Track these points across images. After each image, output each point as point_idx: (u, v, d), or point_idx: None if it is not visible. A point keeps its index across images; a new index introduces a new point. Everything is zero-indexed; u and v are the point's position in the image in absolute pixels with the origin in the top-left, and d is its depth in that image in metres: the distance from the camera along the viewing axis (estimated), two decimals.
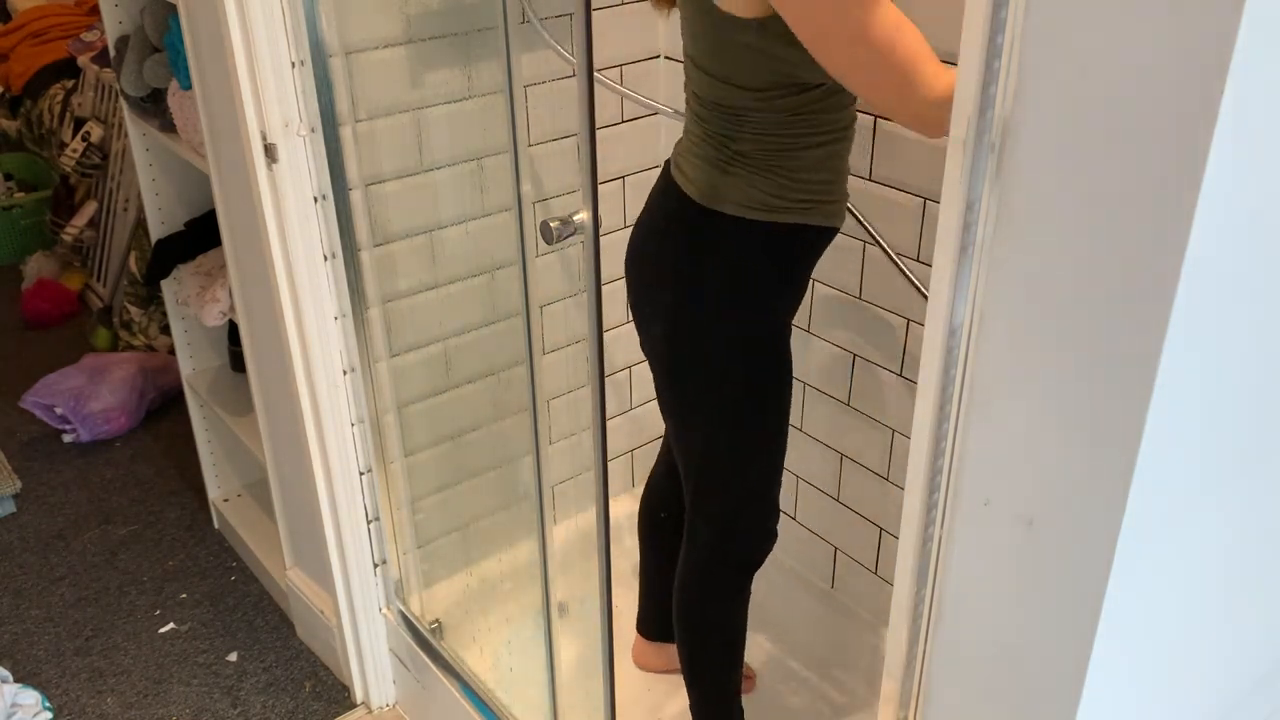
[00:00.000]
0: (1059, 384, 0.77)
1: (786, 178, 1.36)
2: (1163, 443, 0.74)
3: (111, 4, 2.21)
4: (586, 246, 1.11)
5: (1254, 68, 0.63)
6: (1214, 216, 0.67)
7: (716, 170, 1.38)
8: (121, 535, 2.61)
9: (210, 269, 2.32)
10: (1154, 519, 0.78)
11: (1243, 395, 0.83)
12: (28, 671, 2.22)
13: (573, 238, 1.11)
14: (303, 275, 1.73)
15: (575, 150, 2.05)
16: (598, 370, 1.16)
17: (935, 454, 0.88)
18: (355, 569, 1.98)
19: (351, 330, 1.81)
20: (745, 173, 1.36)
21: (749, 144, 1.35)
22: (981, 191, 0.77)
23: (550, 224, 1.13)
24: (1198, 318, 0.71)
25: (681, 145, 1.45)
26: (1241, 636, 1.08)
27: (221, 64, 1.64)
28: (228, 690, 2.17)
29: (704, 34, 1.32)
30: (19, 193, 3.84)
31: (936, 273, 0.81)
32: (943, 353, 0.84)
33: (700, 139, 1.40)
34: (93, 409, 2.92)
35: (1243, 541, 0.97)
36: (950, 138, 0.77)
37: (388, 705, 2.13)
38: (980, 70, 0.74)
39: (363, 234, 1.82)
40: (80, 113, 3.39)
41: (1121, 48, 0.67)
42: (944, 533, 0.89)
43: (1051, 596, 0.82)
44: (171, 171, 2.34)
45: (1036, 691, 0.87)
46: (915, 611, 0.94)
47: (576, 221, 1.12)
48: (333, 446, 1.86)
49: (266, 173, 1.67)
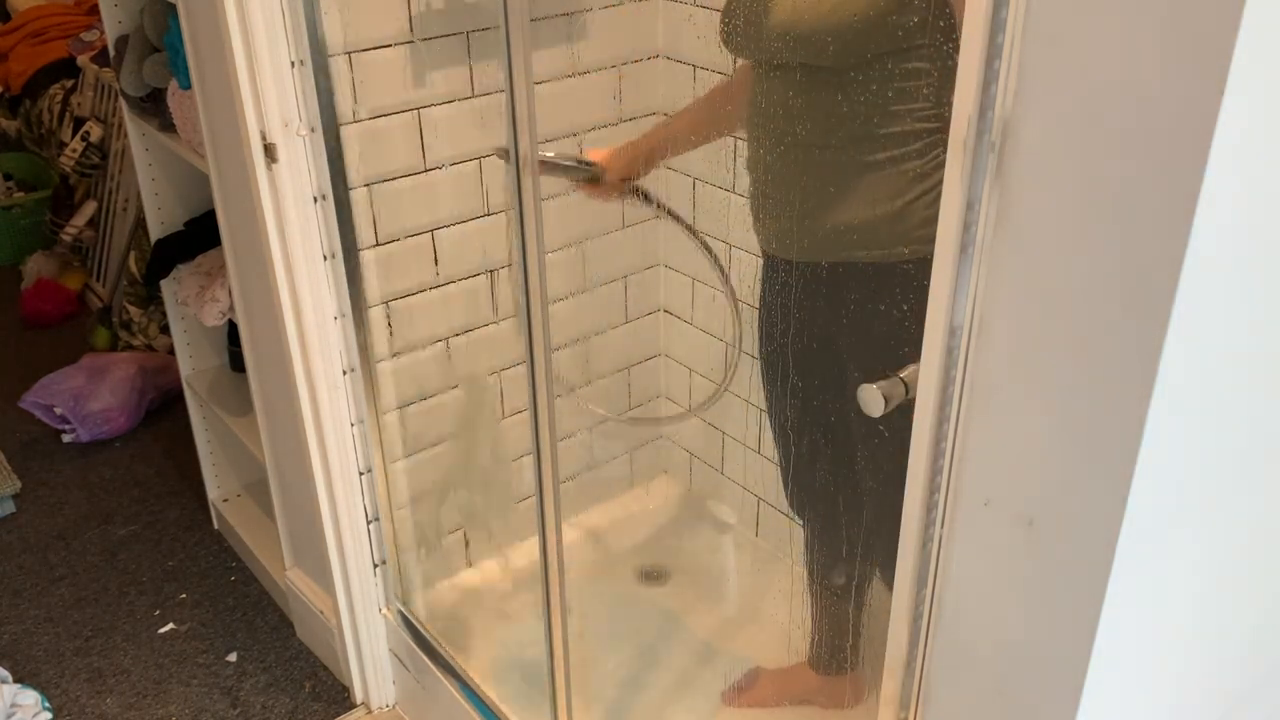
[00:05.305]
0: (1059, 384, 0.77)
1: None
2: (1163, 442, 0.74)
3: (111, 4, 2.20)
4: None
5: (1254, 67, 0.63)
6: (1214, 216, 0.67)
7: None
8: (121, 535, 2.61)
9: (210, 269, 2.32)
10: (1154, 519, 0.78)
11: (1242, 395, 0.83)
12: (27, 671, 2.22)
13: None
14: (303, 275, 1.73)
15: (577, 148, 2.05)
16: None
17: (935, 454, 0.88)
18: (355, 569, 1.98)
19: (351, 330, 1.81)
20: None
21: None
22: (981, 191, 0.77)
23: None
24: (1198, 317, 0.71)
25: None
26: (1241, 636, 1.08)
27: (221, 64, 1.64)
28: (227, 690, 2.17)
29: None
30: (19, 193, 3.84)
31: (937, 273, 0.81)
32: (943, 353, 0.84)
33: None
34: (92, 409, 2.91)
35: (1242, 541, 0.97)
36: (950, 138, 0.77)
37: (387, 705, 2.13)
38: (980, 70, 0.74)
39: (363, 234, 1.82)
40: (80, 112, 3.39)
41: (1122, 47, 0.67)
42: (944, 533, 0.89)
43: (1051, 596, 0.82)
44: (171, 171, 2.34)
45: (1036, 691, 0.87)
46: (915, 611, 0.94)
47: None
48: (333, 446, 1.86)
49: (266, 173, 1.67)
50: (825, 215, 1.40)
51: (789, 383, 1.60)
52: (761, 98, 1.43)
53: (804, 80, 1.36)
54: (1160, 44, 0.65)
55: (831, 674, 1.89)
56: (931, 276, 0.82)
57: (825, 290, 1.48)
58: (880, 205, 1.35)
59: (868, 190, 1.35)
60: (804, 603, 1.88)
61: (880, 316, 1.40)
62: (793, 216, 1.44)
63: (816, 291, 1.49)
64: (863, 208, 1.36)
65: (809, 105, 1.36)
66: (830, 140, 1.37)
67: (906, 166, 1.32)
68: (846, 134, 1.35)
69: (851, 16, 1.27)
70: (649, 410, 2.44)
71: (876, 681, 1.01)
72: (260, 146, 1.65)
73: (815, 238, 1.42)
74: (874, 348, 1.44)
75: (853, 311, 1.44)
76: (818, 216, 1.41)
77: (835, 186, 1.38)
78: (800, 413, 1.63)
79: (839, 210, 1.38)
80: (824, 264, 1.45)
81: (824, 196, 1.39)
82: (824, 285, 1.47)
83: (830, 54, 1.30)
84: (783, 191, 1.45)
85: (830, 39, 1.29)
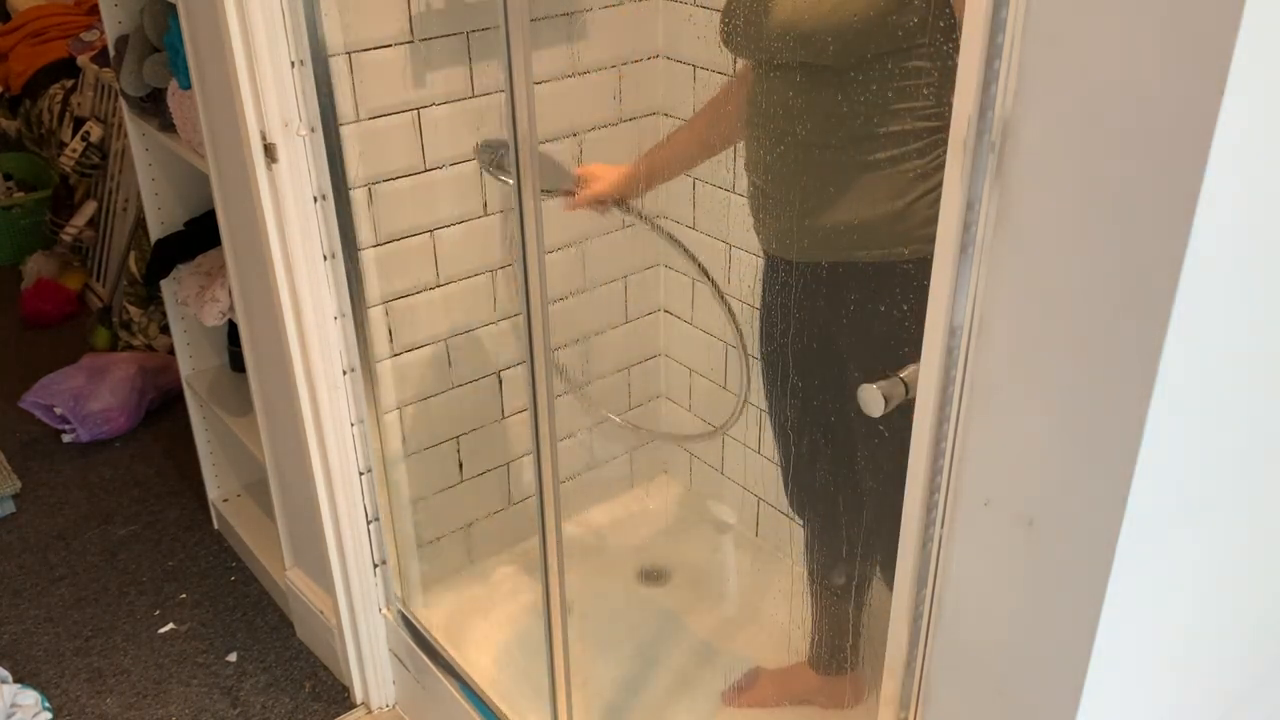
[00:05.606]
0: (1059, 384, 0.77)
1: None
2: (1163, 442, 0.74)
3: (111, 4, 2.20)
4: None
5: (1254, 67, 0.63)
6: (1214, 216, 0.67)
7: None
8: (121, 535, 2.61)
9: (210, 269, 2.32)
10: (1154, 519, 0.78)
11: (1242, 395, 0.83)
12: (27, 671, 2.22)
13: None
14: (302, 275, 1.73)
15: (577, 148, 2.05)
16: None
17: (935, 454, 0.88)
18: (355, 569, 1.98)
19: (351, 330, 1.81)
20: None
21: None
22: (981, 191, 0.77)
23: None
24: (1198, 317, 0.71)
25: None
26: (1242, 636, 1.08)
27: (221, 64, 1.64)
28: (227, 690, 2.17)
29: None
30: (19, 193, 3.84)
31: (937, 273, 0.81)
32: (943, 353, 0.84)
33: None
34: (92, 409, 2.91)
35: (1242, 541, 0.97)
36: (950, 138, 0.77)
37: (387, 706, 2.13)
38: (980, 70, 0.74)
39: (363, 234, 1.82)
40: (80, 112, 3.39)
41: (1122, 47, 0.67)
42: (944, 533, 0.89)
43: (1051, 597, 0.82)
44: (171, 171, 2.34)
45: (1036, 691, 0.87)
46: (915, 611, 0.95)
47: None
48: (333, 446, 1.86)
49: (266, 173, 1.67)
50: (825, 215, 1.40)
51: (789, 383, 1.60)
52: (761, 98, 1.43)
53: (804, 80, 1.36)
54: (1160, 44, 0.65)
55: (831, 674, 1.89)
56: (931, 276, 0.82)
57: (825, 290, 1.48)
58: (880, 205, 1.35)
59: (868, 190, 1.35)
60: (804, 603, 1.88)
61: (880, 316, 1.40)
62: (793, 216, 1.44)
63: (817, 291, 1.49)
64: (863, 207, 1.36)
65: (809, 105, 1.36)
66: (830, 140, 1.37)
67: (907, 166, 1.32)
68: (847, 134, 1.35)
69: (852, 16, 1.27)
70: (651, 412, 2.44)
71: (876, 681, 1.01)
72: (260, 146, 1.65)
73: (815, 238, 1.42)
74: (874, 348, 1.44)
75: (853, 311, 1.44)
76: (818, 216, 1.41)
77: (835, 186, 1.38)
78: (800, 413, 1.63)
79: (839, 210, 1.38)
80: (824, 264, 1.45)
81: (824, 196, 1.39)
82: (824, 285, 1.47)
83: (830, 54, 1.30)
84: (783, 191, 1.45)
85: (830, 39, 1.29)
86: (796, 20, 1.33)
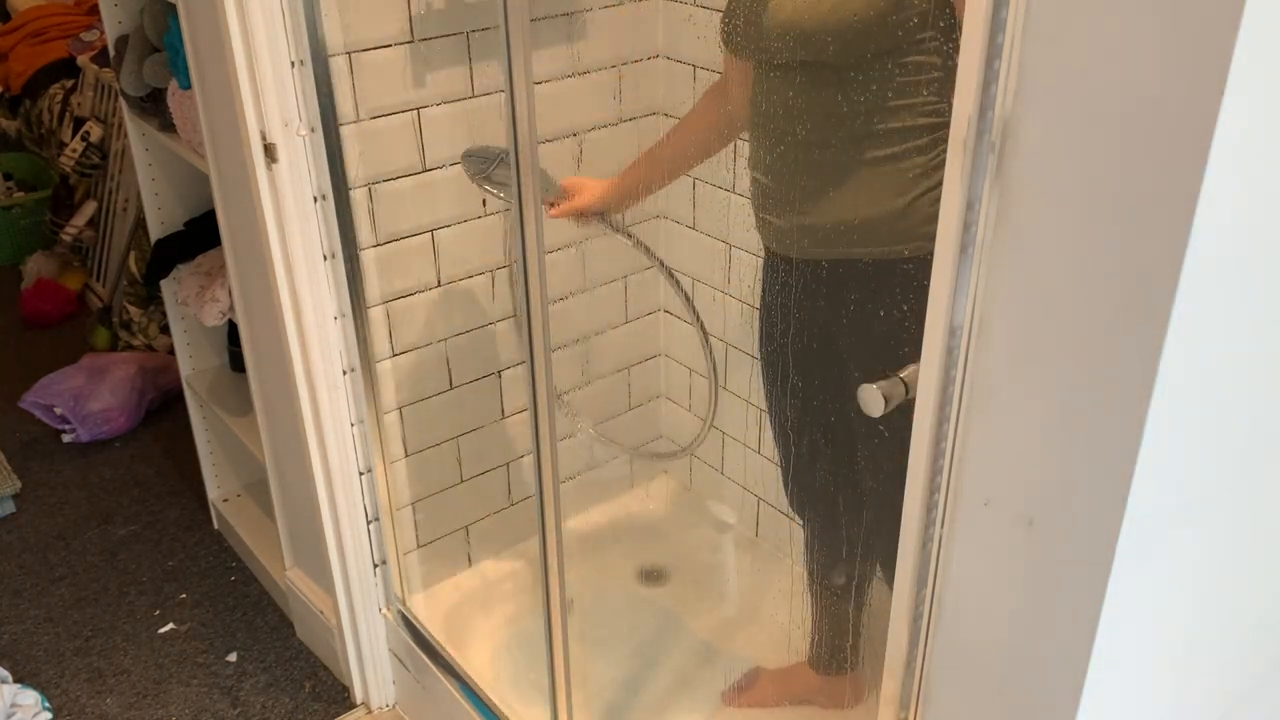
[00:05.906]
0: (1059, 384, 0.77)
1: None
2: (1163, 442, 0.74)
3: (111, 4, 2.20)
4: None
5: (1254, 67, 0.63)
6: (1214, 216, 0.67)
7: None
8: (121, 535, 2.61)
9: (210, 269, 2.32)
10: (1154, 519, 0.78)
11: (1242, 395, 0.83)
12: (27, 671, 2.22)
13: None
14: (302, 275, 1.73)
15: (577, 148, 2.05)
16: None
17: (935, 454, 0.88)
18: (355, 569, 1.98)
19: (351, 330, 1.81)
20: None
21: None
22: (981, 191, 0.77)
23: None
24: (1198, 317, 0.71)
25: None
26: (1242, 636, 1.08)
27: (221, 64, 1.64)
28: (227, 690, 2.17)
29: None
30: (19, 193, 3.84)
31: (937, 272, 0.81)
32: (943, 352, 0.84)
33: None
34: (92, 409, 2.91)
35: (1242, 540, 0.97)
36: (950, 137, 0.77)
37: (387, 706, 2.13)
38: (980, 70, 0.74)
39: (363, 234, 1.82)
40: (80, 112, 3.39)
41: (1122, 47, 0.67)
42: (944, 533, 0.89)
43: (1051, 597, 0.82)
44: (171, 171, 2.34)
45: (1036, 691, 0.87)
46: (915, 611, 0.94)
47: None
48: (333, 446, 1.86)
49: (266, 173, 1.67)
50: (826, 213, 1.40)
51: (789, 382, 1.60)
52: (762, 97, 1.43)
53: (804, 79, 1.36)
54: (1160, 44, 0.65)
55: (831, 674, 1.89)
56: (931, 276, 0.82)
57: (826, 290, 1.48)
58: (881, 204, 1.35)
59: (868, 188, 1.36)
60: (804, 603, 1.88)
61: (880, 316, 1.41)
62: (793, 214, 1.44)
63: (817, 291, 1.49)
64: (863, 206, 1.36)
65: (809, 104, 1.36)
66: (831, 139, 1.37)
67: (907, 165, 1.32)
68: (847, 133, 1.35)
69: (852, 16, 1.27)
70: (651, 412, 2.45)
71: (876, 681, 1.01)
72: (260, 146, 1.65)
73: (816, 235, 1.42)
74: (874, 347, 1.44)
75: (853, 311, 1.44)
76: (818, 214, 1.41)
77: (835, 185, 1.38)
78: (800, 412, 1.63)
79: (839, 208, 1.38)
80: (824, 263, 1.45)
81: (824, 195, 1.39)
82: (824, 284, 1.47)
83: (831, 53, 1.30)
84: (783, 190, 1.45)
85: (831, 38, 1.29)
86: (797, 20, 1.33)
